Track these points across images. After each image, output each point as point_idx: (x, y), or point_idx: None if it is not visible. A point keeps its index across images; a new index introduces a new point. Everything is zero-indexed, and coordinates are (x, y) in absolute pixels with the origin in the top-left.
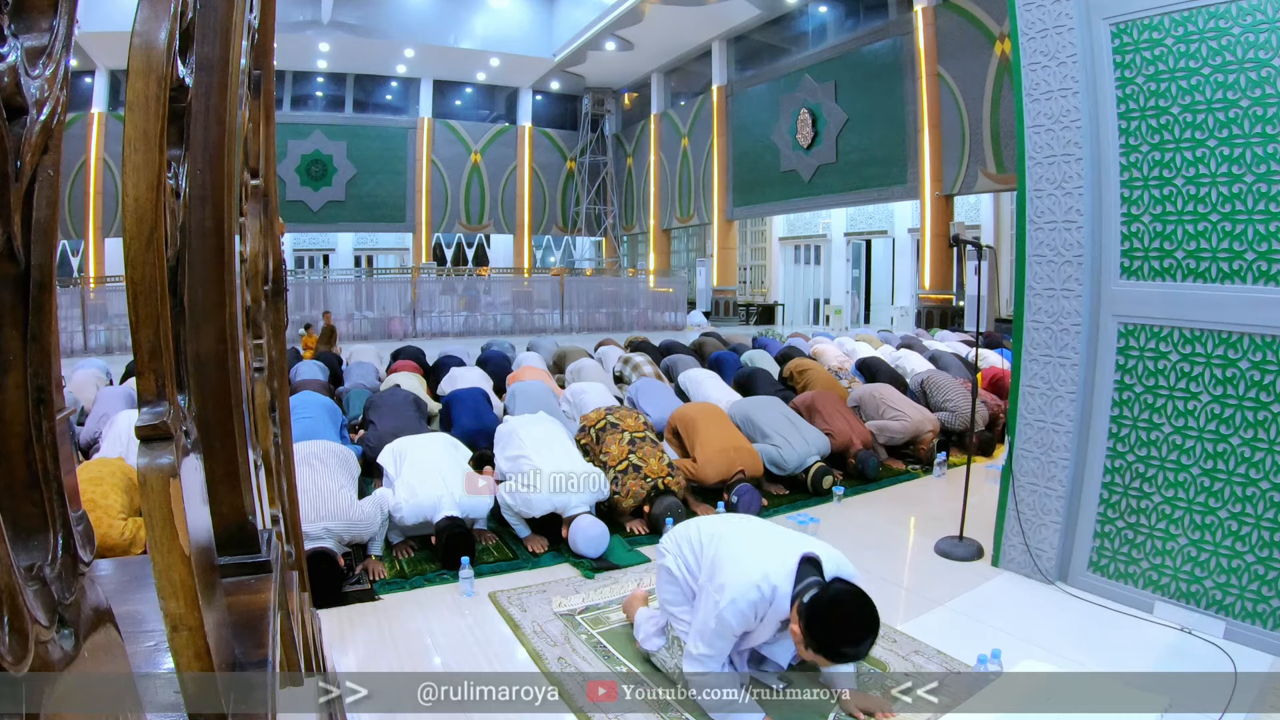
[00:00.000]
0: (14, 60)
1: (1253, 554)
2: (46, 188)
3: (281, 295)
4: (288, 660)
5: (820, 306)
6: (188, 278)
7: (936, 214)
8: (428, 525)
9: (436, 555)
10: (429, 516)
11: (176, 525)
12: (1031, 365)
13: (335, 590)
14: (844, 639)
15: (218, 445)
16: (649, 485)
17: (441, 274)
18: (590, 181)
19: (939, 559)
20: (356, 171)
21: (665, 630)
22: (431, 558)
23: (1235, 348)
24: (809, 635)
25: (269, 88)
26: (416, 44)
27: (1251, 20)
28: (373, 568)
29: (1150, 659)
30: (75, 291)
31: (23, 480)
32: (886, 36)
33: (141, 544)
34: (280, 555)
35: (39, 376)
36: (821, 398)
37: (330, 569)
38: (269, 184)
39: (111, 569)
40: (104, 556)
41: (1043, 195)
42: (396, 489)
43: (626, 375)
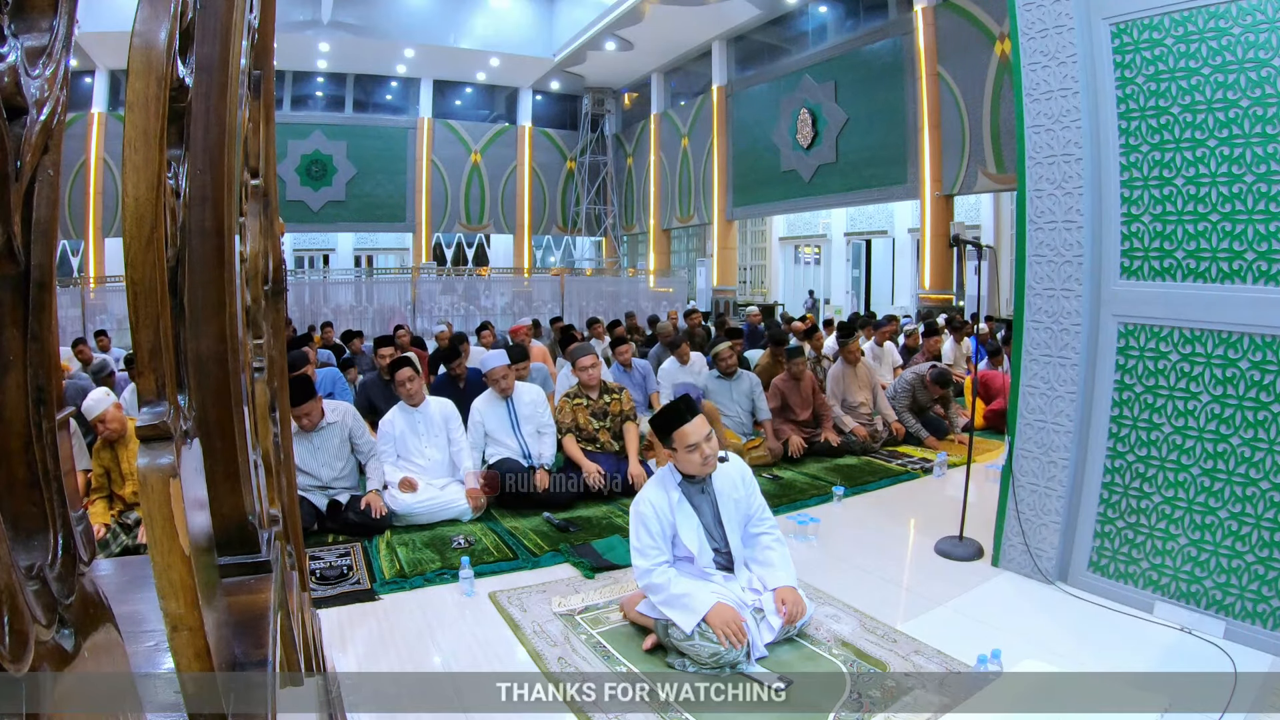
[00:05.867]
0: (14, 60)
1: (1253, 554)
2: (46, 188)
3: (281, 295)
4: (288, 660)
5: (820, 306)
6: (188, 278)
7: (936, 214)
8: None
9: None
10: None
11: (176, 525)
12: (1031, 365)
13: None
14: (660, 418)
15: (218, 445)
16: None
17: (441, 274)
18: (590, 181)
19: (939, 559)
20: (356, 171)
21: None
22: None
23: (1235, 348)
24: (655, 435)
25: (269, 88)
26: (416, 44)
27: (1251, 20)
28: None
29: (1150, 659)
30: (75, 291)
31: (23, 480)
32: (886, 36)
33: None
34: (280, 555)
35: (39, 376)
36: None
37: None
38: (269, 184)
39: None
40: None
41: (1043, 195)
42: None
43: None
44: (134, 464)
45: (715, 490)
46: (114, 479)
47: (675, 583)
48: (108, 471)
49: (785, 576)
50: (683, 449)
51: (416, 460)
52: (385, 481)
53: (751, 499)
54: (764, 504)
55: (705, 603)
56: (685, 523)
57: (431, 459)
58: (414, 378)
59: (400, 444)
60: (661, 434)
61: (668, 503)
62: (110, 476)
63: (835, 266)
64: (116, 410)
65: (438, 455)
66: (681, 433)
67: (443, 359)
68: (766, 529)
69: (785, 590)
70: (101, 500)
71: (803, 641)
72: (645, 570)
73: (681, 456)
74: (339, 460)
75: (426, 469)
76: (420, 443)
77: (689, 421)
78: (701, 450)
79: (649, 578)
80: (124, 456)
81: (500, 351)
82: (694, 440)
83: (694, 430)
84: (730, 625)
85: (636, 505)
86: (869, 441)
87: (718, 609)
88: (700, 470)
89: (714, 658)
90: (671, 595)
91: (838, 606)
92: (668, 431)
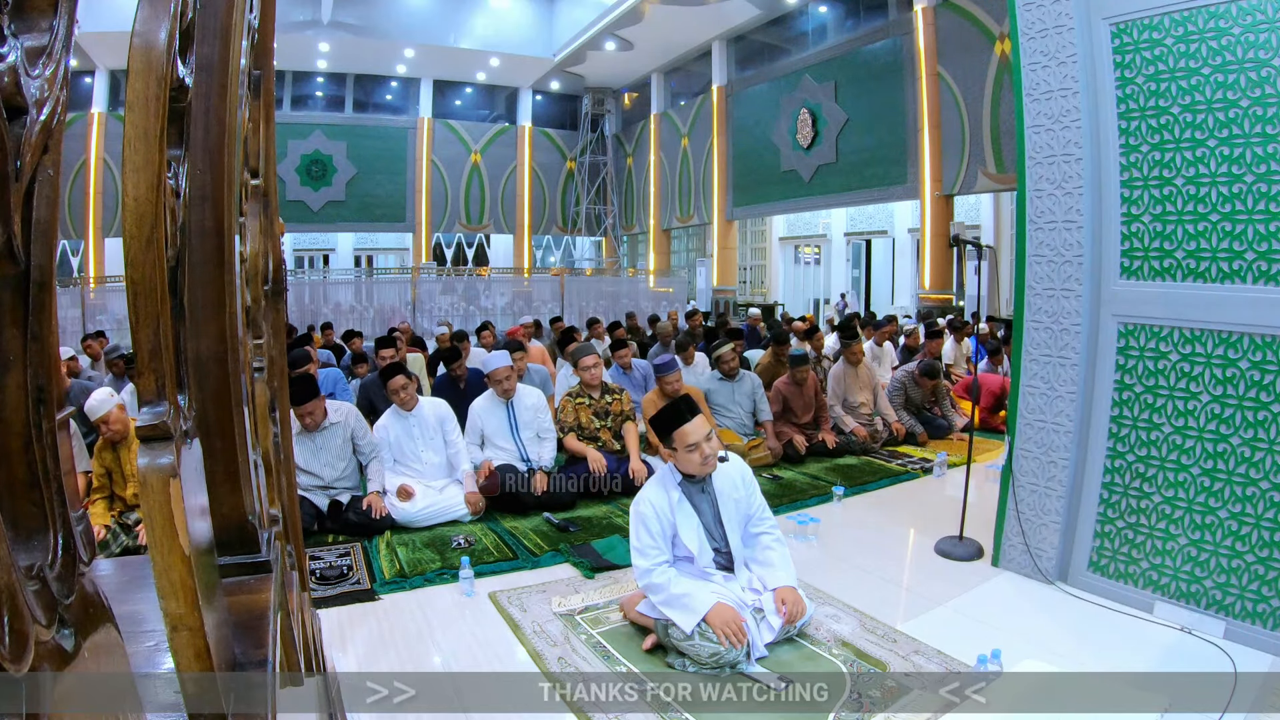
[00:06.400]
0: (14, 60)
1: (1253, 554)
2: (46, 188)
3: (281, 295)
4: (288, 660)
5: (820, 307)
6: (188, 278)
7: (936, 214)
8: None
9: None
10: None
11: (176, 525)
12: (1031, 365)
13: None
14: (660, 418)
15: (218, 445)
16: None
17: (441, 274)
18: (590, 181)
19: (939, 559)
20: (356, 171)
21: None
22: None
23: (1235, 348)
24: (656, 434)
25: (269, 88)
26: (416, 44)
27: (1251, 20)
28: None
29: (1150, 659)
30: (75, 291)
31: (23, 480)
32: (886, 36)
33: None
34: (280, 555)
35: (39, 376)
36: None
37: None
38: (269, 184)
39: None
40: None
41: (1043, 195)
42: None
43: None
44: (136, 465)
45: (715, 490)
46: (116, 480)
47: (675, 583)
48: (109, 472)
49: (785, 576)
50: (683, 448)
51: (414, 464)
52: (385, 487)
53: (752, 499)
54: (764, 504)
55: (705, 603)
56: (685, 522)
57: (429, 462)
58: (407, 385)
59: (396, 449)
60: (662, 433)
61: (668, 502)
62: (112, 477)
63: (835, 266)
64: (120, 412)
65: (435, 458)
66: (682, 432)
67: (444, 359)
68: (766, 529)
69: (785, 590)
70: (102, 500)
71: (803, 641)
72: (645, 570)
73: (682, 456)
74: (341, 461)
75: (424, 472)
76: (416, 446)
77: (689, 421)
78: (701, 450)
79: (649, 577)
80: (126, 458)
81: (503, 353)
82: (694, 440)
83: (694, 430)
84: (730, 625)
85: (637, 505)
86: (869, 442)
87: (718, 609)
88: (700, 470)
89: (714, 658)
90: (671, 595)
91: (838, 606)
92: (668, 431)
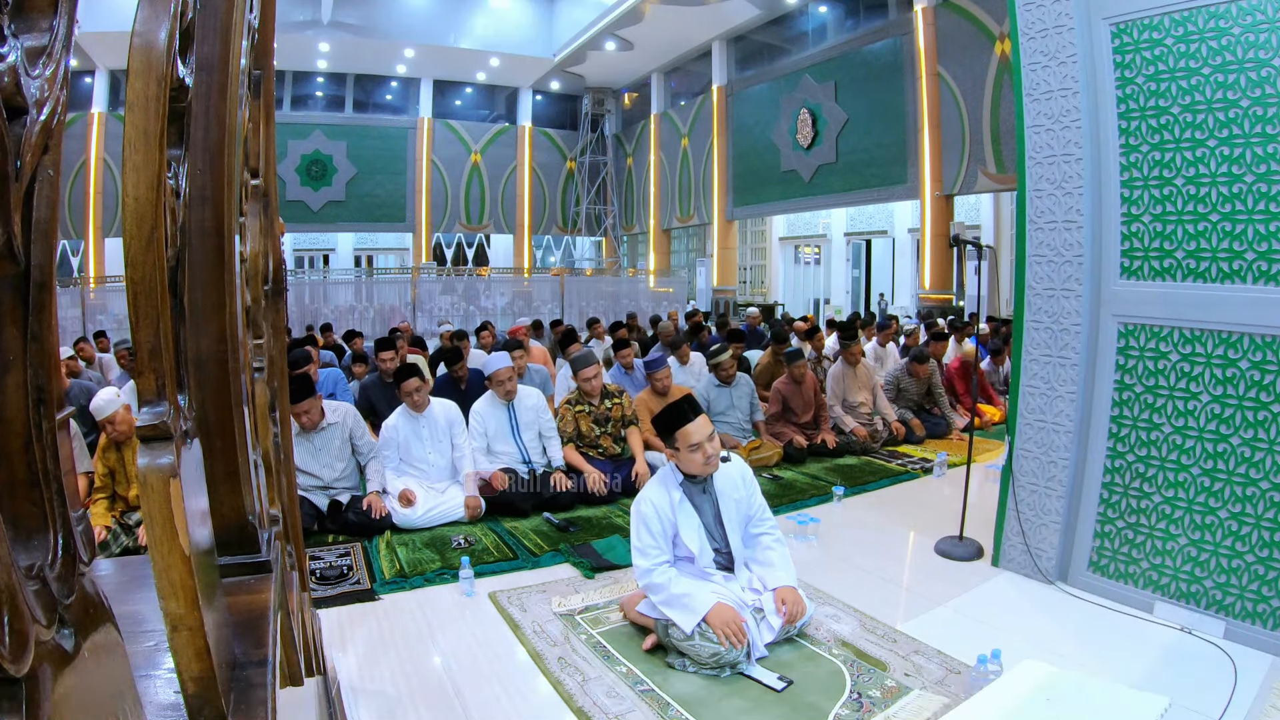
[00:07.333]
0: (14, 60)
1: (1253, 554)
2: (46, 188)
3: (281, 295)
4: (288, 660)
5: (820, 307)
6: (188, 278)
7: (936, 214)
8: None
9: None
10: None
11: (176, 525)
12: (1031, 365)
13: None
14: (663, 418)
15: (218, 445)
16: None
17: (441, 274)
18: (590, 181)
19: (939, 559)
20: (356, 171)
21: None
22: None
23: (1235, 348)
24: (658, 434)
25: (269, 88)
26: (416, 44)
27: (1251, 20)
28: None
29: (1150, 659)
30: (75, 291)
31: (23, 480)
32: (886, 36)
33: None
34: (280, 555)
35: (39, 376)
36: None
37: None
38: (269, 184)
39: (111, 569)
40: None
41: (1043, 195)
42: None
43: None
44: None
45: (716, 490)
46: (119, 480)
47: (675, 582)
48: (112, 472)
49: (785, 576)
50: (685, 448)
51: (419, 465)
52: (385, 488)
53: (752, 499)
54: (764, 504)
55: (705, 602)
56: (686, 522)
57: (434, 464)
58: (420, 388)
59: (404, 449)
60: (664, 433)
61: (669, 502)
62: (115, 477)
63: (835, 266)
64: (125, 412)
65: (440, 460)
66: (684, 432)
67: (445, 360)
68: (767, 529)
69: (785, 590)
70: (104, 501)
71: (803, 641)
72: (646, 570)
73: (684, 456)
74: (340, 461)
75: (428, 473)
76: (424, 448)
77: (692, 421)
78: (704, 450)
79: (649, 577)
80: (130, 458)
81: (504, 354)
82: (696, 440)
83: (696, 430)
84: (730, 625)
85: (638, 505)
86: (869, 442)
87: (718, 609)
88: (702, 470)
89: (714, 658)
90: (672, 595)
91: (838, 606)
92: (670, 431)
